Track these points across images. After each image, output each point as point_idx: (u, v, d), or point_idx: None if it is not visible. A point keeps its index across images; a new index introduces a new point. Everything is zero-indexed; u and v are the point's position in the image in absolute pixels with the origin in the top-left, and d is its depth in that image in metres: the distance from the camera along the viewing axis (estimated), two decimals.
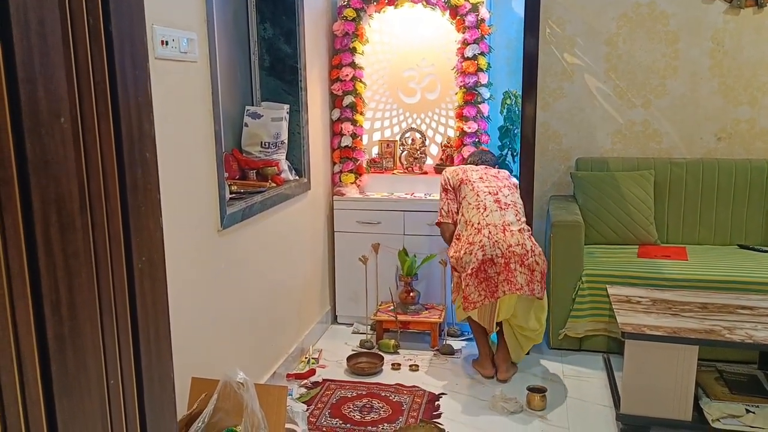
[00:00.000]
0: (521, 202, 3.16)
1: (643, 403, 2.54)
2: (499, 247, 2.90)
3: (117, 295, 0.88)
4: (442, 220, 3.24)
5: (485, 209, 3.02)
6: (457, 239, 3.09)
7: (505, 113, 3.84)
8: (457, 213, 3.18)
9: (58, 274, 0.78)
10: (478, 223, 2.99)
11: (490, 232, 2.94)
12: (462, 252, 2.98)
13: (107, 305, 0.87)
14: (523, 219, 3.08)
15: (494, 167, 3.34)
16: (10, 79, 0.70)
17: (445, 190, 3.24)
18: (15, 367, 0.73)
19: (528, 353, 3.19)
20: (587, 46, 3.85)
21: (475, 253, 2.91)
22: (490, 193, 3.07)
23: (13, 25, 0.70)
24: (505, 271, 2.89)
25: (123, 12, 0.87)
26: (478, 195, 3.07)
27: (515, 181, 3.30)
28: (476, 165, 3.33)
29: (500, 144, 3.91)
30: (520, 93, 3.76)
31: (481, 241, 2.93)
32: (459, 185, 3.18)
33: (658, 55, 3.79)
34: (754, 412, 2.51)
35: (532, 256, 2.92)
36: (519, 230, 2.99)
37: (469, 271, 2.91)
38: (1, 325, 0.72)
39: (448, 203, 3.22)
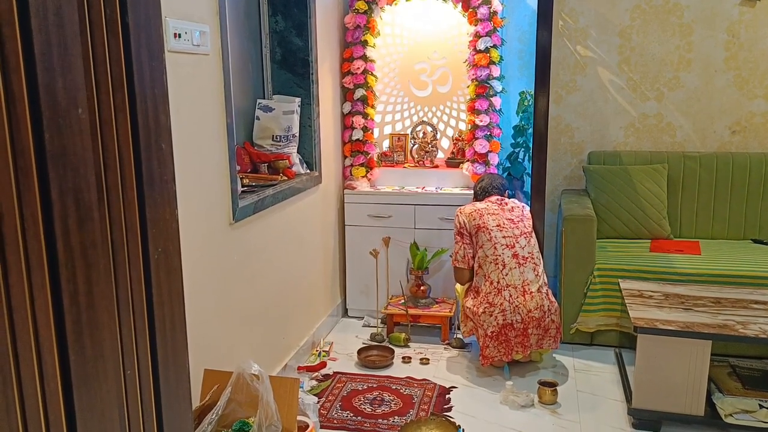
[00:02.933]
0: (537, 247, 3.13)
1: (655, 398, 2.53)
2: (519, 312, 2.94)
3: (133, 285, 0.89)
4: (457, 265, 3.18)
5: (504, 266, 3.00)
6: (476, 292, 3.08)
7: (521, 114, 3.83)
8: (473, 258, 3.13)
9: (77, 264, 0.78)
10: (498, 282, 2.99)
11: (510, 295, 2.96)
12: (481, 310, 2.99)
13: (124, 296, 0.87)
14: (541, 270, 3.08)
15: (504, 193, 3.32)
16: (29, 69, 0.71)
17: (460, 234, 3.15)
18: (34, 356, 0.74)
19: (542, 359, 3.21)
20: (600, 38, 3.82)
21: (496, 316, 2.94)
22: (507, 246, 3.03)
23: (32, 16, 0.70)
24: (521, 335, 2.97)
25: (139, 4, 0.87)
26: (495, 248, 3.03)
27: (528, 214, 3.24)
28: (487, 192, 3.26)
29: (513, 142, 3.89)
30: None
31: (501, 304, 2.95)
32: (476, 232, 3.10)
33: (672, 48, 3.75)
34: (767, 408, 2.49)
35: (549, 316, 2.99)
36: (538, 290, 3.00)
37: (489, 333, 2.96)
38: (21, 315, 0.72)
39: (464, 248, 3.14)
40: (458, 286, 3.29)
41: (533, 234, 3.16)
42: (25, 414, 0.72)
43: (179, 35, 2.02)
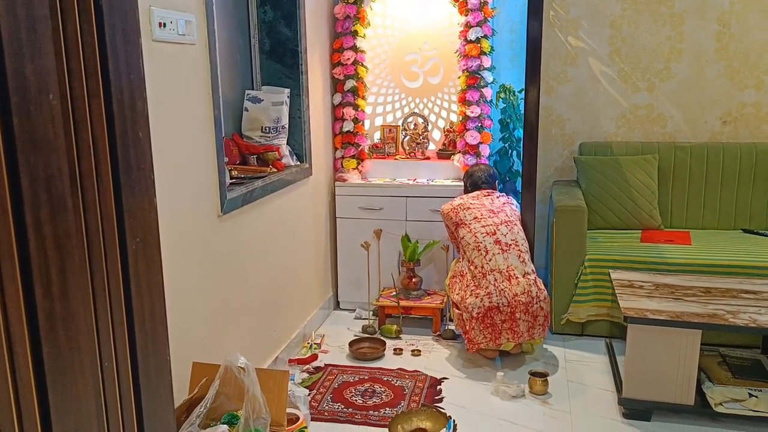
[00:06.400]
0: (522, 235, 3.13)
1: (646, 388, 2.54)
2: (505, 296, 2.92)
3: (110, 276, 0.87)
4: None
5: (487, 252, 3.02)
6: (461, 276, 3.12)
7: (501, 106, 3.80)
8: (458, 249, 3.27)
9: (49, 255, 0.76)
10: (482, 267, 3.01)
11: (495, 279, 2.96)
12: (468, 294, 2.99)
13: (100, 287, 0.85)
14: (527, 257, 3.07)
15: (494, 184, 3.37)
16: None
17: (446, 226, 3.34)
18: (5, 348, 0.72)
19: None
20: (591, 29, 3.81)
21: (482, 298, 2.94)
22: (488, 234, 3.06)
23: None
24: (509, 320, 2.94)
25: None
26: (476, 237, 3.07)
27: (514, 206, 3.30)
28: (477, 186, 3.33)
29: (502, 136, 3.88)
30: (515, 87, 3.73)
31: (487, 287, 2.95)
32: (456, 228, 3.20)
33: (663, 38, 3.74)
34: (756, 396, 2.50)
35: (536, 302, 2.96)
36: (524, 275, 2.99)
37: (475, 315, 2.94)
38: None
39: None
40: (448, 280, 3.28)
41: (517, 223, 3.17)
42: None
43: (164, 24, 1.99)
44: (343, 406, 2.70)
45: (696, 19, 3.68)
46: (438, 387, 2.88)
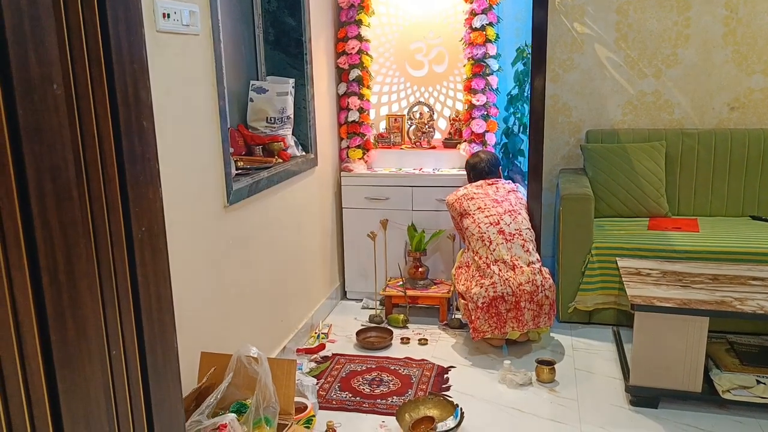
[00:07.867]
0: (527, 224, 3.13)
1: (653, 375, 2.54)
2: (509, 285, 2.93)
3: (117, 265, 0.88)
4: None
5: (491, 242, 3.03)
6: (466, 267, 3.13)
7: (520, 69, 3.73)
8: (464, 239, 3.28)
9: (56, 243, 0.77)
10: (487, 257, 3.02)
11: (500, 269, 2.97)
12: (473, 285, 3.00)
13: (107, 275, 0.86)
14: (531, 246, 3.07)
15: (497, 171, 3.37)
16: None
17: (452, 217, 3.35)
18: (14, 337, 0.72)
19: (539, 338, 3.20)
20: (597, 15, 3.77)
21: (486, 288, 2.94)
22: (491, 224, 3.07)
23: None
24: (514, 309, 2.95)
25: None
26: (479, 227, 3.08)
27: (519, 194, 3.30)
28: (480, 176, 3.34)
29: (507, 114, 3.84)
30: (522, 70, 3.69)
31: (491, 277, 2.96)
32: (460, 219, 3.22)
33: (670, 24, 3.70)
34: (764, 383, 2.49)
35: (542, 291, 2.96)
36: (528, 264, 2.99)
37: (480, 305, 2.95)
38: None
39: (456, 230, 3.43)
40: (454, 271, 3.29)
41: (522, 212, 3.16)
42: (5, 394, 0.72)
43: (168, 15, 1.99)
44: (350, 395, 2.71)
45: (703, 4, 3.64)
46: (445, 375, 2.89)
